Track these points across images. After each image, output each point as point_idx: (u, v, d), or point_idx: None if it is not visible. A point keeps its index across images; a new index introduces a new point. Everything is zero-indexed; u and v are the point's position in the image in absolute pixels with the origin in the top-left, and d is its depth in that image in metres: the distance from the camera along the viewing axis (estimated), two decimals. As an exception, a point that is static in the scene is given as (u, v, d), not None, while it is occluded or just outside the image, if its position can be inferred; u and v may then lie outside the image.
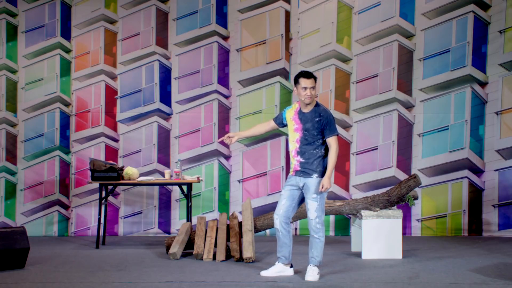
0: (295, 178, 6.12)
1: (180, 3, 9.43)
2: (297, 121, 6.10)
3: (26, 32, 9.48)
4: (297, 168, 6.10)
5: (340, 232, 9.20)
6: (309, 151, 6.05)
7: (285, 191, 6.17)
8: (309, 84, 6.00)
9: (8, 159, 9.41)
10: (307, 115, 6.07)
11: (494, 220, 9.09)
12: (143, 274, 6.34)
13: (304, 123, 6.06)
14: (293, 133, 6.13)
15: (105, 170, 7.92)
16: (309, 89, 5.99)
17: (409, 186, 7.35)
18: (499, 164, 9.09)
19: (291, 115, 6.16)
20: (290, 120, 6.16)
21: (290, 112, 6.19)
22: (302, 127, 6.06)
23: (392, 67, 9.22)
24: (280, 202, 6.17)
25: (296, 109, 6.15)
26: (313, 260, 6.10)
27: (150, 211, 9.37)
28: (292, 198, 6.15)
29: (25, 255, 6.65)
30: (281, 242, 6.17)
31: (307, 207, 6.10)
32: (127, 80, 9.44)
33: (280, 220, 6.13)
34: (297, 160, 6.09)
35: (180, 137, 9.38)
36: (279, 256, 6.21)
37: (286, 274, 6.20)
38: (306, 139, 6.04)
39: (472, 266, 6.64)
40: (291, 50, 9.31)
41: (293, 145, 6.11)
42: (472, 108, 9.12)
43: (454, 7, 9.16)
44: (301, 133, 6.07)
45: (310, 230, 6.09)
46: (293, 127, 6.12)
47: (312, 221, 6.06)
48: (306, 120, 6.06)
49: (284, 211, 6.13)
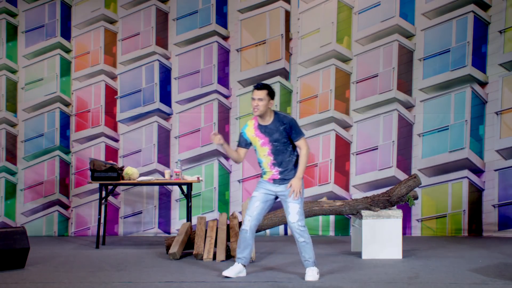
0: (273, 185, 6.10)
1: (180, 3, 9.43)
2: (260, 136, 6.07)
3: (26, 32, 9.48)
4: (277, 177, 6.08)
5: (340, 232, 9.20)
6: (285, 160, 6.07)
7: (258, 193, 6.12)
8: (257, 96, 5.99)
9: (8, 159, 9.41)
10: (270, 126, 6.05)
11: (494, 220, 9.08)
12: (143, 274, 6.34)
13: (270, 135, 6.04)
14: (261, 148, 6.08)
15: (105, 170, 7.92)
16: (256, 100, 5.98)
17: (409, 186, 7.35)
18: (499, 164, 9.09)
19: (252, 133, 6.11)
20: (253, 137, 6.11)
21: (249, 130, 6.14)
22: (269, 139, 6.04)
23: (392, 67, 9.22)
24: (252, 204, 6.11)
25: (255, 125, 6.11)
26: (308, 262, 6.08)
27: (150, 211, 9.37)
28: (265, 201, 6.13)
29: (25, 255, 6.64)
30: (246, 244, 6.12)
31: (288, 210, 6.05)
32: (127, 80, 9.44)
33: (251, 221, 6.09)
34: (275, 171, 6.07)
35: (180, 137, 9.38)
36: (240, 257, 6.15)
37: (243, 275, 6.17)
38: (278, 149, 6.04)
39: (472, 266, 6.64)
40: (291, 50, 9.31)
41: (266, 159, 6.08)
42: (472, 108, 9.12)
43: (454, 7, 9.16)
44: (270, 146, 6.05)
45: (294, 234, 6.05)
46: (259, 142, 6.08)
47: (295, 224, 6.01)
48: (271, 132, 6.04)
49: (258, 213, 6.10)
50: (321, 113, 9.27)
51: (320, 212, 7.60)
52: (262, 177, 6.17)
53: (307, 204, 7.59)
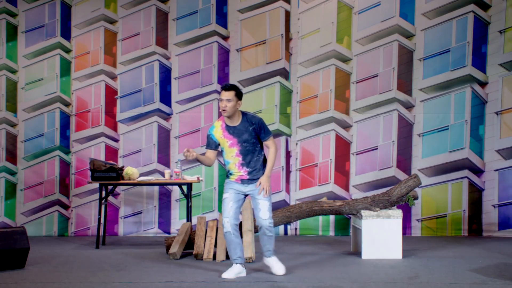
0: (241, 185, 6.18)
1: (180, 3, 9.43)
2: (229, 137, 6.14)
3: (26, 32, 9.48)
4: (245, 177, 6.16)
5: (340, 232, 9.20)
6: (254, 160, 6.16)
7: (229, 194, 6.17)
8: (225, 96, 6.05)
9: (8, 159, 9.41)
10: (239, 127, 6.13)
11: (494, 220, 9.08)
12: (143, 274, 6.34)
13: (239, 136, 6.11)
14: (229, 149, 6.15)
15: (105, 170, 7.92)
16: (224, 100, 6.04)
17: (409, 186, 7.35)
18: (499, 164, 9.09)
19: (220, 134, 6.17)
20: (221, 138, 6.17)
21: (217, 131, 6.19)
22: (238, 140, 6.11)
23: (392, 67, 9.22)
24: (226, 205, 6.16)
25: (222, 126, 6.17)
26: (270, 252, 6.28)
27: (150, 211, 9.37)
28: (237, 200, 6.20)
29: (25, 255, 6.65)
30: (235, 244, 6.17)
31: (259, 207, 6.14)
32: (127, 80, 9.44)
33: (230, 222, 6.14)
34: (244, 171, 6.15)
35: (180, 137, 9.38)
36: (235, 258, 6.19)
37: (243, 275, 6.19)
38: (247, 149, 6.12)
39: (472, 266, 6.64)
40: (291, 50, 9.31)
41: (234, 160, 6.15)
42: (472, 108, 9.12)
43: (454, 7, 9.16)
44: (239, 146, 6.12)
45: (264, 229, 6.16)
46: (227, 143, 6.15)
47: (266, 221, 6.12)
48: (240, 133, 6.11)
49: (234, 212, 6.16)
50: (321, 113, 9.27)
51: (320, 212, 7.59)
52: (229, 177, 6.23)
53: (307, 204, 7.59)
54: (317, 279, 6.06)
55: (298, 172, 9.26)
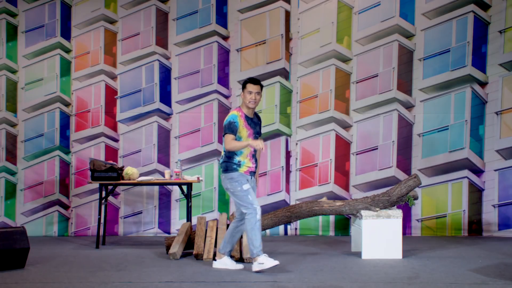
0: (249, 176, 6.44)
1: (180, 3, 9.43)
2: (248, 127, 6.42)
3: (26, 32, 9.48)
4: (253, 169, 6.49)
5: (340, 232, 9.20)
6: (256, 154, 6.52)
7: (247, 186, 6.37)
8: (254, 89, 6.35)
9: (8, 159, 9.41)
10: (255, 120, 6.50)
11: (494, 220, 9.09)
12: (143, 274, 6.34)
13: (254, 128, 6.46)
14: (247, 139, 6.38)
15: (105, 170, 7.92)
16: (254, 93, 6.35)
17: (409, 186, 7.35)
18: (499, 164, 9.10)
19: (242, 123, 6.38)
20: (242, 128, 6.39)
21: (240, 120, 6.38)
22: (253, 131, 6.44)
23: (392, 67, 9.22)
24: (251, 195, 6.35)
25: (242, 116, 6.41)
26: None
27: (150, 211, 9.37)
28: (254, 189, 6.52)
29: (25, 255, 6.65)
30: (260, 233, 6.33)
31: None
32: (127, 80, 9.44)
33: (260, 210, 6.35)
34: (252, 163, 6.45)
35: (180, 137, 9.38)
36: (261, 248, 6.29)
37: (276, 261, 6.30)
38: None
39: (472, 266, 6.64)
40: (291, 50, 9.31)
41: (247, 150, 6.41)
42: (472, 108, 9.12)
43: (454, 7, 9.16)
44: (253, 138, 6.42)
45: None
46: (246, 133, 6.40)
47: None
48: (254, 125, 6.47)
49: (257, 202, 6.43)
50: (321, 113, 9.27)
51: (320, 212, 7.59)
52: (237, 170, 6.39)
53: (307, 204, 7.59)
54: (317, 279, 6.06)
55: (298, 172, 9.26)
